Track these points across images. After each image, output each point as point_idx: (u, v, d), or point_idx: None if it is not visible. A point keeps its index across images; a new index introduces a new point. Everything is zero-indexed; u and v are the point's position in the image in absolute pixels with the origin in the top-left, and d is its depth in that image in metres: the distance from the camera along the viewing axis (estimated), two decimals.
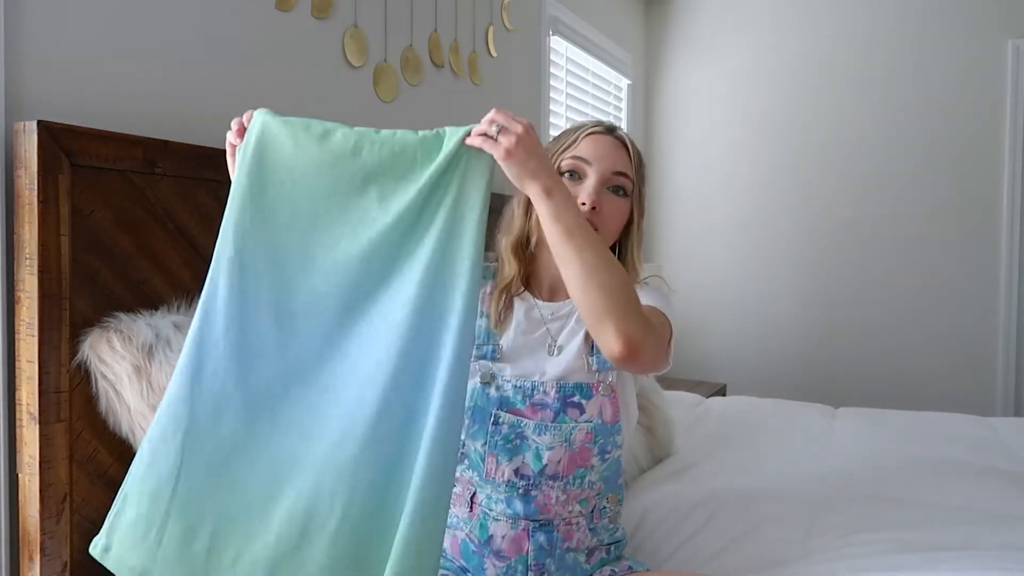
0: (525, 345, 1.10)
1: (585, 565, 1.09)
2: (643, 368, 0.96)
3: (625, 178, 1.10)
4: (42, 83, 1.24)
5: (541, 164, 0.90)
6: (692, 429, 2.14)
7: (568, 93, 3.15)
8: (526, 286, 1.15)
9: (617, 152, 1.11)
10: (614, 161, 1.10)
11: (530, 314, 1.12)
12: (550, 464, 1.05)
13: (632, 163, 1.12)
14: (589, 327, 0.91)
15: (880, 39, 3.41)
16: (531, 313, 1.12)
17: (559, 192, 0.90)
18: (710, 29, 3.80)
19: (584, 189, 1.08)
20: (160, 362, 1.19)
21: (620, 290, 0.89)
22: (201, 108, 1.52)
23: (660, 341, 0.97)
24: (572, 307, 1.12)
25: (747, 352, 3.73)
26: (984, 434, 2.06)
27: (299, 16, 1.75)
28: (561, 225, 0.89)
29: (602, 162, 1.09)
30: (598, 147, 1.10)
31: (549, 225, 0.90)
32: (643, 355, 0.89)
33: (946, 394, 3.28)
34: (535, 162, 0.89)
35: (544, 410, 1.05)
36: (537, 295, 1.14)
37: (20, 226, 1.15)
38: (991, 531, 1.32)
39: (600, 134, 1.12)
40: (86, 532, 1.21)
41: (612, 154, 1.10)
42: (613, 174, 1.09)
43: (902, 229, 3.39)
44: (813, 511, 1.43)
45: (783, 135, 3.63)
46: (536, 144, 0.90)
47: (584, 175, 1.09)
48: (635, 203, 1.12)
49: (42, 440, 1.14)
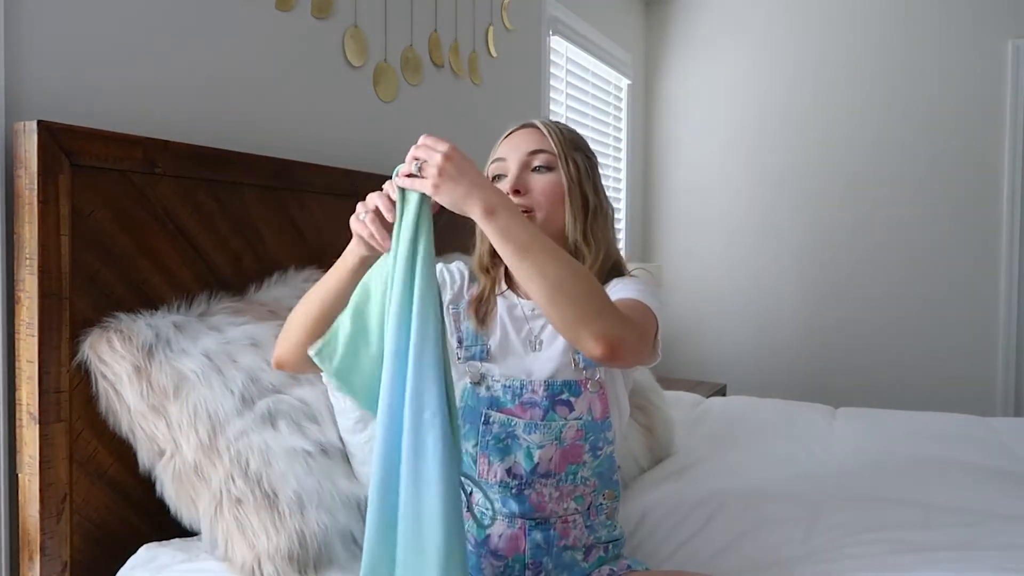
0: (511, 344, 1.10)
1: (583, 563, 1.09)
2: (628, 363, 0.96)
3: (544, 154, 1.09)
4: (42, 83, 1.24)
5: (473, 184, 0.85)
6: (692, 429, 2.13)
7: (568, 93, 3.15)
8: (509, 285, 1.15)
9: (531, 136, 1.11)
10: (528, 144, 1.10)
11: (513, 312, 1.12)
12: (542, 462, 1.05)
13: (549, 138, 1.10)
14: (566, 337, 0.89)
15: (880, 39, 3.41)
16: (514, 311, 1.12)
17: (502, 208, 0.86)
18: (710, 29, 3.80)
19: (506, 181, 1.08)
20: (160, 362, 1.19)
21: (588, 295, 0.86)
22: (201, 108, 1.52)
23: (642, 334, 0.95)
24: None
25: (747, 352, 3.73)
26: (984, 434, 2.06)
27: (299, 16, 1.75)
28: (512, 243, 0.85)
29: (517, 150, 1.10)
30: (512, 140, 1.11)
31: (500, 246, 0.86)
32: (624, 352, 0.87)
33: (946, 394, 3.28)
34: (465, 184, 0.85)
35: (533, 409, 1.05)
36: (520, 293, 1.14)
37: (20, 226, 1.15)
38: (991, 531, 1.32)
39: (515, 131, 1.13)
40: (86, 532, 1.21)
41: (526, 140, 1.10)
42: (529, 155, 1.09)
43: (902, 229, 3.39)
44: (813, 511, 1.43)
45: (783, 135, 3.63)
46: (462, 165, 0.85)
47: (507, 171, 1.10)
48: (564, 173, 1.09)
49: (42, 440, 1.14)
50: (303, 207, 1.65)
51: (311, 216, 1.67)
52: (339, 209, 1.75)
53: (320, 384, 1.29)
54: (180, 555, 1.17)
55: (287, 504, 1.12)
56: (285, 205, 1.60)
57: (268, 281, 1.51)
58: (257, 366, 1.26)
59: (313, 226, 1.68)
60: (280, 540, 1.09)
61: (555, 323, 0.87)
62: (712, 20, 3.79)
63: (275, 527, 1.10)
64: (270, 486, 1.13)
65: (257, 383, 1.24)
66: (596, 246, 1.10)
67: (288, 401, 1.25)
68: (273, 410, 1.22)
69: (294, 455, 1.18)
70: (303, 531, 1.11)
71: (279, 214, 1.59)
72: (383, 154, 2.03)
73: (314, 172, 1.67)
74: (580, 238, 1.09)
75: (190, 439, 1.16)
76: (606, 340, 0.85)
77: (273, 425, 1.20)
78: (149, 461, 1.21)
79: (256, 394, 1.22)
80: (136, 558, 1.19)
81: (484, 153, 1.17)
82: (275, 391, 1.26)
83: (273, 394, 1.25)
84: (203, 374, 1.19)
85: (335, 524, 1.15)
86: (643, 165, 3.99)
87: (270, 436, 1.18)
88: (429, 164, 0.85)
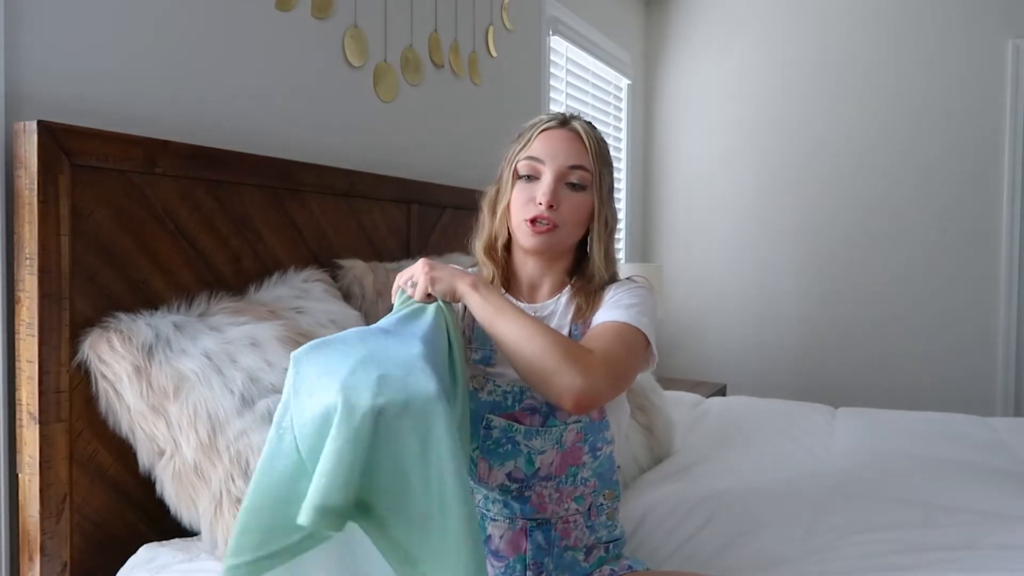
0: None
1: (584, 564, 1.09)
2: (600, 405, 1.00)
3: (582, 171, 1.07)
4: (42, 83, 1.24)
5: (452, 275, 1.01)
6: (692, 429, 2.14)
7: (568, 93, 3.15)
8: (507, 288, 1.15)
9: (572, 145, 1.08)
10: (568, 155, 1.07)
11: None
12: (543, 467, 1.05)
13: (589, 153, 1.09)
14: (537, 392, 0.97)
15: (880, 39, 3.41)
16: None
17: (480, 284, 1.01)
18: (710, 29, 3.80)
19: (540, 188, 1.06)
20: (160, 362, 1.19)
21: (553, 350, 0.92)
22: (201, 108, 1.52)
23: (619, 369, 0.97)
24: (554, 306, 1.12)
25: (747, 352, 3.73)
26: (984, 434, 2.06)
27: (299, 16, 1.75)
28: (490, 307, 0.98)
29: (556, 159, 1.07)
30: (551, 143, 1.08)
31: (480, 312, 0.98)
32: (592, 401, 0.92)
33: (946, 394, 3.28)
34: (447, 278, 1.01)
35: (533, 415, 1.05)
36: (519, 296, 1.14)
37: (20, 226, 1.15)
38: (991, 531, 1.32)
39: (553, 128, 1.10)
40: (86, 532, 1.21)
41: (567, 148, 1.07)
42: (569, 169, 1.07)
43: (902, 228, 3.39)
44: (813, 511, 1.43)
45: (783, 135, 3.63)
46: (435, 268, 1.02)
47: (539, 175, 1.07)
48: (596, 194, 1.09)
49: (42, 440, 1.14)
50: (303, 207, 1.65)
51: (311, 216, 1.67)
52: (339, 209, 1.75)
53: None
54: (180, 555, 1.17)
55: None
56: (285, 205, 1.60)
57: (268, 281, 1.51)
58: (257, 366, 1.25)
59: (313, 226, 1.68)
60: None
61: (526, 378, 0.96)
62: (712, 20, 3.79)
63: None
64: None
65: (257, 383, 1.23)
66: (612, 263, 1.13)
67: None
68: (273, 410, 1.22)
69: None
70: None
71: (279, 214, 1.59)
72: (383, 154, 2.03)
73: (314, 172, 1.67)
74: (602, 256, 1.11)
75: (190, 439, 1.16)
76: (572, 395, 0.90)
77: None
78: (149, 461, 1.21)
79: (256, 394, 1.22)
80: (136, 558, 1.19)
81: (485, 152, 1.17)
82: (275, 391, 1.25)
83: (273, 394, 1.24)
84: (203, 374, 1.19)
85: None
86: (643, 165, 3.99)
87: None
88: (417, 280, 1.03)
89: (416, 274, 1.03)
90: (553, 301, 1.12)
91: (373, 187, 1.83)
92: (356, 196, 1.79)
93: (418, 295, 1.01)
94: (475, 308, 0.99)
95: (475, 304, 0.99)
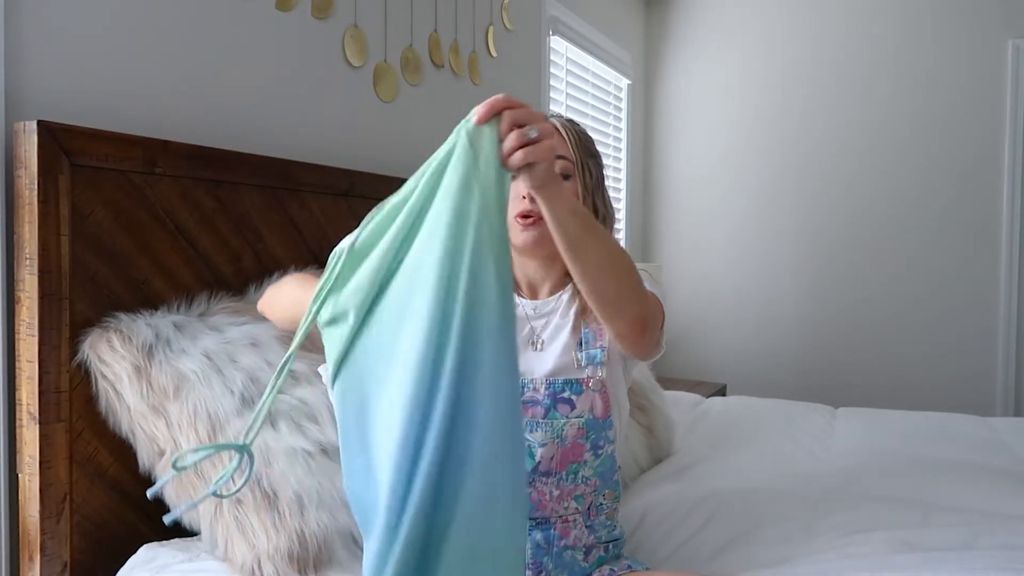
0: None
1: (583, 563, 1.09)
2: (646, 348, 1.00)
3: (562, 160, 1.08)
4: (42, 83, 1.24)
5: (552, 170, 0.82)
6: (692, 429, 2.14)
7: (568, 93, 3.15)
8: None
9: None
10: None
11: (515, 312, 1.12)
12: (543, 461, 1.05)
13: (568, 143, 1.10)
14: (605, 312, 0.91)
15: (880, 39, 3.41)
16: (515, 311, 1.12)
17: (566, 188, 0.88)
18: (710, 29, 3.80)
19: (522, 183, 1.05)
20: (160, 362, 1.19)
21: (635, 274, 0.92)
22: (201, 108, 1.52)
23: (657, 324, 1.02)
24: (555, 304, 1.12)
25: (747, 352, 3.73)
26: (984, 434, 2.06)
27: (299, 16, 1.75)
28: (577, 217, 0.85)
29: None
30: None
31: (567, 218, 0.84)
32: (649, 336, 0.95)
33: (946, 394, 3.28)
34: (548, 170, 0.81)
35: (535, 407, 1.06)
36: (520, 293, 1.15)
37: (20, 226, 1.15)
38: (991, 531, 1.32)
39: None
40: (86, 532, 1.21)
41: None
42: None
43: (902, 229, 3.39)
44: (813, 511, 1.43)
45: (783, 135, 3.63)
46: (536, 150, 0.78)
47: None
48: (579, 181, 1.10)
49: (42, 440, 1.14)
50: (303, 207, 1.65)
51: (311, 216, 1.67)
52: (339, 209, 1.75)
53: (320, 384, 1.29)
54: (180, 555, 1.17)
55: (287, 504, 1.12)
56: (285, 205, 1.60)
57: (268, 281, 1.50)
58: (257, 366, 1.25)
59: (313, 226, 1.68)
60: (280, 540, 1.09)
61: (603, 296, 0.90)
62: (712, 20, 3.79)
63: (275, 527, 1.10)
64: (270, 486, 1.13)
65: (257, 383, 1.23)
66: None
67: (288, 401, 1.25)
68: (273, 410, 1.22)
69: (294, 455, 1.18)
70: (303, 531, 1.10)
71: (279, 214, 1.59)
72: (383, 154, 2.03)
73: (314, 172, 1.67)
74: None
75: (190, 439, 1.16)
76: (642, 321, 0.92)
77: (273, 425, 1.20)
78: (149, 461, 1.21)
79: (256, 394, 1.22)
80: (136, 558, 1.19)
81: None
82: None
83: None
84: (203, 374, 1.19)
85: (335, 524, 1.15)
86: (643, 165, 3.99)
87: (270, 436, 1.18)
88: (541, 148, 0.77)
89: (543, 148, 0.77)
90: (554, 299, 1.13)
91: (373, 187, 1.83)
92: (356, 196, 1.79)
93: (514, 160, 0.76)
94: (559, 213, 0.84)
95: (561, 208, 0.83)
